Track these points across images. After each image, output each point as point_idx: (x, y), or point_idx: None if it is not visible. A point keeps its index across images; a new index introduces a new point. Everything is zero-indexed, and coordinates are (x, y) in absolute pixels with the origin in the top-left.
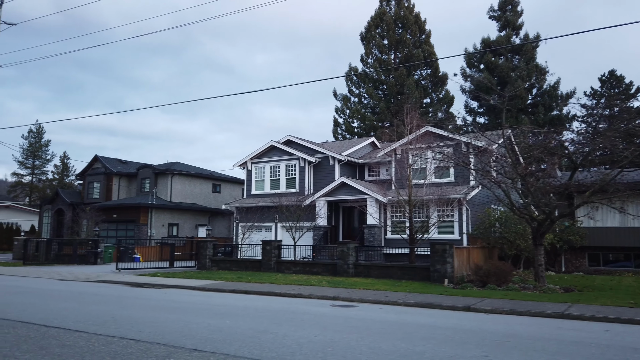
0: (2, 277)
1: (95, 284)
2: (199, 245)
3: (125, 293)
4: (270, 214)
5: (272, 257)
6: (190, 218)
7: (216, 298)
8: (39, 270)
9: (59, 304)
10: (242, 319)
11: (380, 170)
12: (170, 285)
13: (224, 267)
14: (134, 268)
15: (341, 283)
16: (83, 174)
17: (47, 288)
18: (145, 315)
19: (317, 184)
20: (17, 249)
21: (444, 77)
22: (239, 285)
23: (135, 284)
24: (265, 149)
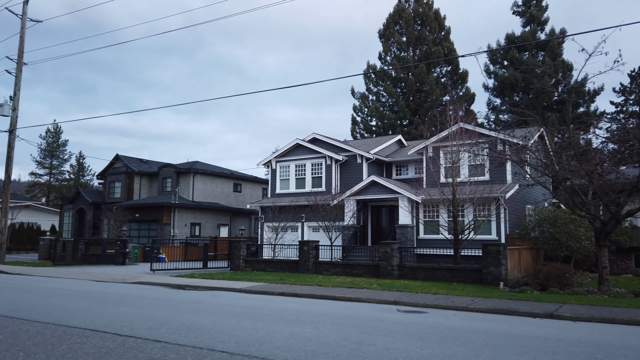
0: (38, 279)
1: (135, 286)
2: (232, 246)
3: (173, 296)
4: (296, 213)
5: (309, 258)
6: (212, 218)
7: (272, 302)
8: (71, 271)
9: (115, 308)
10: (323, 327)
11: (409, 169)
12: (212, 287)
13: (257, 267)
14: (168, 269)
15: (392, 286)
16: (104, 174)
17: (89, 290)
18: (215, 322)
19: (343, 182)
20: (43, 249)
21: (464, 74)
22: (284, 287)
23: (176, 286)
24: (290, 148)
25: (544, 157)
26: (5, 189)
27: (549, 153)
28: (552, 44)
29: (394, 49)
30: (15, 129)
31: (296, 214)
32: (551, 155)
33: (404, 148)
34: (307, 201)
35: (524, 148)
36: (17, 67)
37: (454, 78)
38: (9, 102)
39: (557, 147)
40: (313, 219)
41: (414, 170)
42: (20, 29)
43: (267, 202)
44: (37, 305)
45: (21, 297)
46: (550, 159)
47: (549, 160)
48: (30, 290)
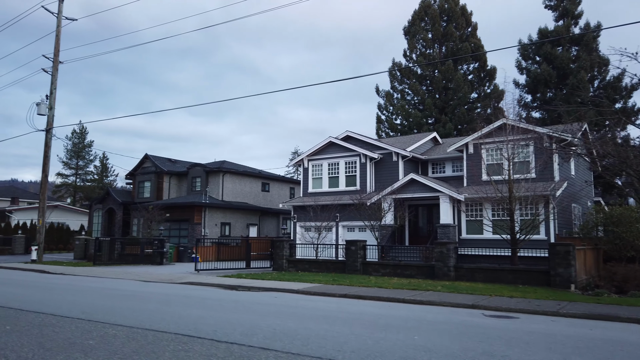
0: (85, 279)
1: (188, 287)
2: (275, 245)
3: (234, 297)
4: (330, 212)
5: (357, 258)
6: (241, 217)
7: (344, 304)
8: (112, 270)
9: (186, 310)
10: (428, 334)
11: (445, 167)
12: (266, 288)
13: (301, 268)
14: (212, 269)
15: (456, 288)
16: (133, 174)
17: (145, 291)
18: (306, 327)
19: (378, 181)
20: (78, 248)
21: (492, 71)
22: (343, 289)
23: (228, 287)
24: (322, 146)
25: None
26: (42, 188)
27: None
28: (586, 38)
29: (419, 46)
30: (52, 128)
31: (330, 214)
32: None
33: (439, 146)
34: (343, 200)
35: (570, 144)
36: (53, 65)
37: (481, 75)
38: (45, 101)
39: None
40: (348, 219)
41: (451, 168)
42: (56, 27)
43: (299, 201)
44: (106, 308)
45: (82, 299)
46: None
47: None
48: (86, 291)
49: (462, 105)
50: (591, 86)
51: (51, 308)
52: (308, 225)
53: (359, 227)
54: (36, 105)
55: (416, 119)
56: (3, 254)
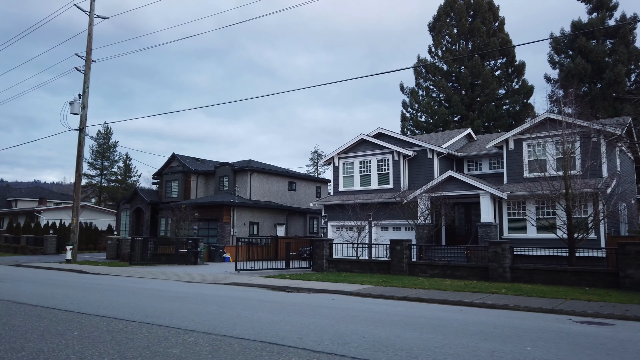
0: (125, 279)
1: (235, 288)
2: (315, 245)
3: (289, 299)
4: (362, 211)
5: (403, 259)
6: (269, 217)
7: (410, 308)
8: (150, 270)
9: (254, 313)
10: (538, 345)
11: (482, 164)
12: (316, 290)
13: (343, 268)
14: (251, 269)
15: (521, 290)
16: (160, 173)
17: (194, 292)
18: (398, 335)
19: (412, 179)
20: (111, 248)
21: (521, 66)
22: (400, 291)
23: (276, 288)
24: (353, 144)
25: None
26: (76, 188)
27: None
28: (622, 30)
29: (444, 42)
30: (85, 127)
31: (363, 213)
32: None
33: (474, 142)
34: (375, 199)
35: (619, 138)
36: (86, 64)
37: (509, 71)
38: (78, 100)
39: None
40: (382, 218)
41: (488, 165)
42: (88, 26)
43: (330, 200)
44: (166, 311)
45: (136, 301)
46: None
47: None
48: (135, 293)
49: (490, 102)
50: (627, 80)
51: (110, 310)
52: (340, 224)
53: (393, 226)
54: (69, 105)
55: (442, 116)
56: (35, 253)
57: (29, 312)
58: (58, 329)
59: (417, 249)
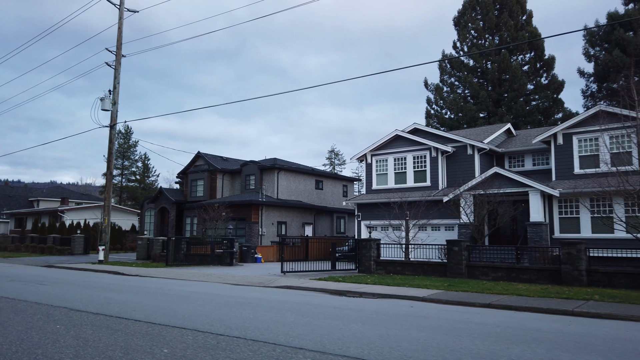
0: (168, 282)
1: (292, 292)
2: (361, 246)
3: (364, 306)
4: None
5: (461, 260)
6: (296, 216)
7: (508, 318)
8: (189, 272)
9: (348, 325)
10: None
11: (525, 160)
12: (381, 295)
13: (392, 270)
14: (298, 270)
15: (615, 296)
16: (184, 172)
17: (252, 297)
18: (553, 357)
19: (450, 176)
20: (141, 248)
21: (550, 61)
22: (476, 297)
23: (334, 292)
24: (387, 140)
25: None
26: (107, 186)
27: None
28: None
29: (469, 36)
30: (116, 124)
31: (399, 212)
32: None
33: (513, 138)
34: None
35: None
36: (116, 59)
37: (537, 65)
38: (108, 96)
39: None
40: (420, 217)
41: (531, 162)
42: (118, 20)
43: (364, 198)
44: (243, 320)
45: (199, 307)
46: None
47: None
48: (190, 298)
49: (518, 97)
50: None
51: (184, 320)
52: (374, 224)
53: (432, 225)
54: (100, 101)
55: (469, 113)
56: (63, 253)
57: (95, 322)
58: (141, 344)
59: (469, 250)
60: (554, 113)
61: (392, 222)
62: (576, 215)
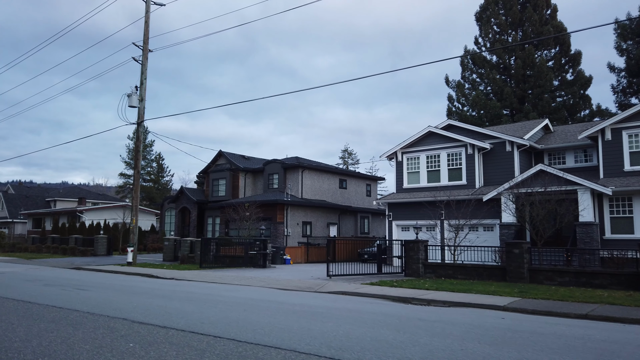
0: (210, 286)
1: (350, 299)
2: (408, 248)
3: (443, 316)
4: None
5: (523, 263)
6: (321, 216)
7: (626, 334)
8: (227, 275)
9: (454, 343)
10: None
11: (566, 157)
12: (452, 303)
13: (443, 274)
14: (343, 274)
15: None
16: (206, 171)
17: (314, 304)
18: None
19: (487, 174)
20: (168, 249)
21: (577, 56)
22: (566, 306)
23: (396, 298)
24: (419, 137)
25: None
26: (135, 186)
27: None
28: None
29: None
30: (143, 121)
31: (433, 211)
32: None
33: (551, 134)
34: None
35: None
36: (143, 54)
37: (562, 61)
38: (135, 92)
39: None
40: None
41: (573, 159)
42: (145, 14)
43: (395, 198)
44: (349, 339)
45: (265, 318)
46: None
47: None
48: (250, 306)
49: (543, 93)
50: None
51: (269, 337)
52: (406, 224)
53: (469, 226)
54: (127, 97)
55: (494, 110)
56: (85, 255)
57: (171, 339)
58: None
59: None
60: (581, 110)
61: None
62: (629, 215)
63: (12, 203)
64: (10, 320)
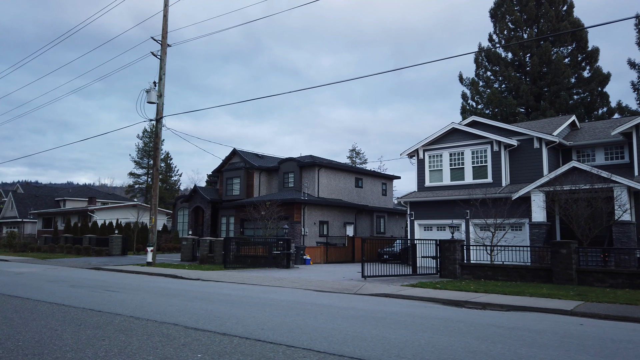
0: (244, 288)
1: (397, 302)
2: (444, 248)
3: (511, 322)
4: (455, 209)
5: (571, 264)
6: (338, 215)
7: None
8: (254, 276)
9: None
10: None
11: (595, 154)
12: (509, 307)
13: (482, 275)
14: (376, 275)
15: None
16: (219, 170)
17: (373, 309)
18: None
19: (514, 172)
20: (186, 249)
21: (594, 52)
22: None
23: (448, 302)
24: (442, 134)
25: None
26: (153, 184)
27: None
28: None
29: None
30: (162, 117)
31: (457, 210)
32: None
33: (578, 131)
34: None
35: None
36: (162, 48)
37: (578, 58)
38: (154, 87)
39: None
40: (481, 215)
41: (603, 156)
42: (164, 7)
43: (417, 196)
44: (407, 345)
45: (320, 324)
46: None
47: None
48: (290, 309)
49: (561, 90)
50: None
51: (351, 348)
52: (429, 223)
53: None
54: (146, 93)
55: (510, 107)
56: (100, 255)
57: (242, 349)
58: None
59: (578, 252)
60: (598, 107)
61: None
62: None
63: (22, 203)
64: (52, 326)
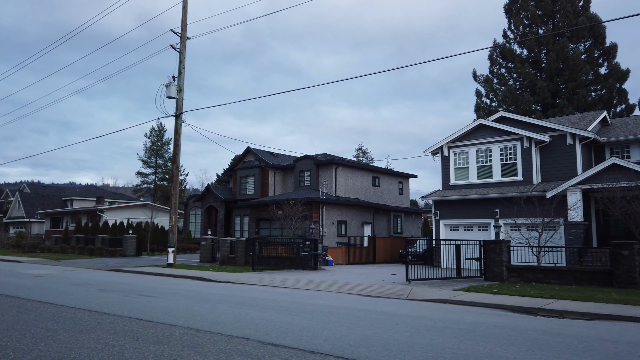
0: (284, 292)
1: (460, 309)
2: (489, 249)
3: (633, 337)
4: (483, 208)
5: (634, 267)
6: (356, 215)
7: None
8: (286, 278)
9: None
10: None
11: (630, 151)
12: (592, 315)
13: (531, 278)
14: (419, 278)
15: None
16: (233, 169)
17: (455, 319)
18: None
19: (546, 169)
20: (205, 250)
21: (612, 48)
22: None
23: (517, 309)
24: (468, 131)
25: None
26: (174, 182)
27: None
28: None
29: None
30: (182, 113)
31: (486, 209)
32: None
33: (608, 127)
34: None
35: None
36: (181, 41)
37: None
38: (173, 82)
39: None
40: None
41: (638, 153)
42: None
43: (443, 195)
44: None
45: (404, 337)
46: None
47: None
48: (356, 317)
49: (578, 87)
50: None
51: None
52: (456, 223)
53: (527, 225)
54: (165, 87)
55: (526, 105)
56: (114, 255)
57: None
58: None
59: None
60: (617, 104)
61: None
62: None
63: (29, 202)
64: (106, 340)
